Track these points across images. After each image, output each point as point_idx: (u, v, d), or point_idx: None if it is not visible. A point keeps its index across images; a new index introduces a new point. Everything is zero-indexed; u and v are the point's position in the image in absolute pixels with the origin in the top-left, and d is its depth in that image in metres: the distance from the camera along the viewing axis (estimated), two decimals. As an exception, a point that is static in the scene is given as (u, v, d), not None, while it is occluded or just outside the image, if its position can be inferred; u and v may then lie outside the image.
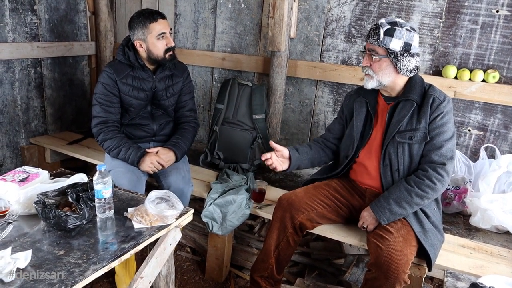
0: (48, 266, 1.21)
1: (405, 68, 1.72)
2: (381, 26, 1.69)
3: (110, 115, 2.17)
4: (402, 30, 1.67)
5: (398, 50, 1.69)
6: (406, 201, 1.66)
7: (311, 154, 2.04)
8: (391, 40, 1.67)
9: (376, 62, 1.74)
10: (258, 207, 2.18)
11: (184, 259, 2.51)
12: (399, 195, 1.68)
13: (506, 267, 1.74)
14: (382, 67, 1.73)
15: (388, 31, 1.67)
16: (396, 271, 1.52)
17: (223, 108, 2.73)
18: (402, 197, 1.67)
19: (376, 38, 1.70)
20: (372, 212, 1.72)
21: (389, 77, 1.75)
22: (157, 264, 1.52)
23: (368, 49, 1.76)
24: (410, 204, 1.66)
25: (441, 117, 1.70)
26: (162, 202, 1.60)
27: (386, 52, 1.71)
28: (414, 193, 1.66)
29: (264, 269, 1.93)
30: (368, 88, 1.81)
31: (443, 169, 1.67)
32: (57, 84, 3.24)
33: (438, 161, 1.68)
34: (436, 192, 1.68)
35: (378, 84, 1.77)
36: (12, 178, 1.67)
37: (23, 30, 2.90)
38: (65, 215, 1.38)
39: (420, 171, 1.71)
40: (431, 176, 1.66)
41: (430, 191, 1.66)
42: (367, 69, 1.77)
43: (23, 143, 3.06)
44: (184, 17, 3.16)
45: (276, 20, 2.55)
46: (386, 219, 1.68)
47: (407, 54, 1.70)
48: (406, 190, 1.68)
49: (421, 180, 1.67)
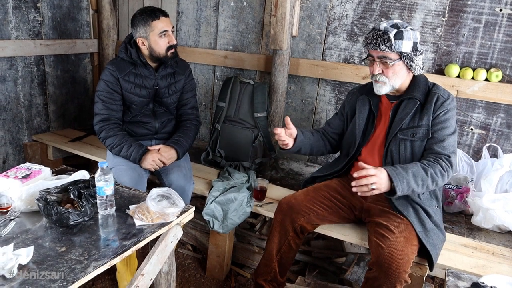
0: (50, 263, 1.22)
1: (418, 67, 1.73)
2: (388, 31, 1.66)
3: (112, 113, 2.18)
4: (408, 31, 1.67)
5: (409, 51, 1.68)
6: (421, 178, 1.60)
7: (313, 140, 2.04)
8: (402, 43, 1.66)
9: (390, 68, 1.71)
10: (259, 205, 2.18)
11: (185, 256, 2.52)
12: (417, 170, 1.60)
13: (508, 267, 1.74)
14: (396, 71, 1.72)
15: (397, 35, 1.65)
16: (397, 270, 1.52)
17: (225, 106, 2.73)
18: (419, 173, 1.60)
19: (389, 45, 1.66)
20: (389, 177, 1.57)
21: (401, 79, 1.75)
22: (158, 261, 1.52)
23: (378, 56, 1.72)
24: (424, 182, 1.60)
25: (444, 113, 1.70)
26: (163, 199, 1.60)
27: (400, 55, 1.69)
28: (429, 172, 1.61)
29: (267, 273, 1.94)
30: (381, 94, 1.79)
31: (449, 160, 1.66)
32: (60, 82, 3.25)
33: (442, 152, 1.67)
34: (444, 180, 1.65)
35: (391, 88, 1.77)
36: (15, 174, 1.68)
37: (26, 28, 2.91)
38: (67, 212, 1.38)
39: (431, 157, 1.67)
40: (442, 163, 1.64)
41: (441, 177, 1.63)
42: (380, 76, 1.74)
43: (25, 140, 3.08)
44: (186, 15, 3.16)
45: (278, 18, 2.55)
46: (401, 189, 1.56)
47: (417, 53, 1.71)
48: (422, 168, 1.62)
49: (435, 164, 1.64)
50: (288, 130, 1.92)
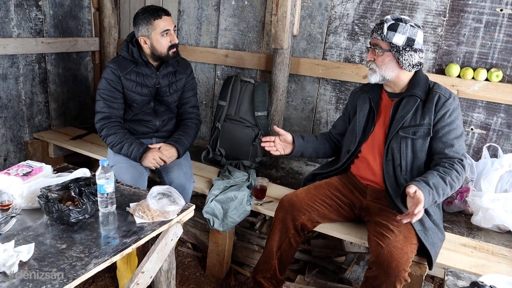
0: (51, 260, 1.23)
1: (407, 63, 1.74)
2: (386, 21, 1.73)
3: (113, 111, 2.18)
4: (406, 26, 1.70)
5: (400, 44, 1.71)
6: (442, 188, 1.59)
7: (317, 143, 2.07)
8: (394, 34, 1.70)
9: (379, 56, 1.76)
10: (259, 204, 2.18)
11: (185, 254, 2.53)
12: (437, 181, 1.59)
13: (507, 267, 1.74)
14: (385, 62, 1.75)
15: (392, 26, 1.71)
16: (396, 269, 1.53)
17: (226, 105, 2.73)
18: (440, 184, 1.59)
19: (380, 33, 1.73)
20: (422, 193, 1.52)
21: (392, 72, 1.77)
22: (159, 259, 1.53)
23: (372, 43, 1.79)
24: (444, 191, 1.59)
25: (449, 115, 1.71)
26: (164, 197, 1.61)
27: (389, 46, 1.73)
28: (447, 180, 1.60)
29: (267, 270, 1.94)
30: (372, 83, 1.83)
31: (462, 164, 1.68)
32: (61, 80, 3.26)
33: (455, 156, 1.69)
34: (459, 184, 1.66)
35: (381, 78, 1.79)
36: (16, 172, 1.68)
37: (27, 26, 2.91)
38: (68, 210, 1.39)
39: (446, 163, 1.66)
40: (457, 167, 1.65)
41: (457, 182, 1.64)
42: (371, 63, 1.79)
43: (27, 138, 3.08)
44: (187, 13, 3.16)
45: (279, 17, 2.55)
46: (427, 203, 1.54)
47: (409, 49, 1.72)
48: (441, 177, 1.61)
49: (450, 170, 1.64)
50: (281, 136, 1.96)
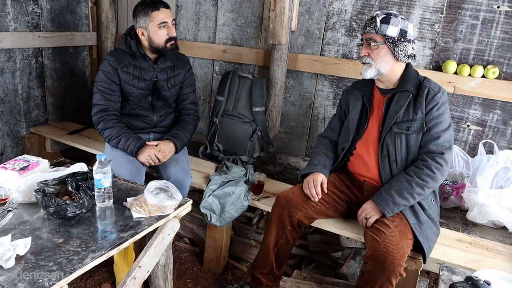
0: (48, 254, 1.23)
1: (402, 53, 1.76)
2: (377, 16, 1.75)
3: (111, 103, 2.18)
4: (397, 18, 1.74)
5: (395, 36, 1.73)
6: (407, 192, 1.68)
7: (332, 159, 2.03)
8: (388, 27, 1.73)
9: (374, 50, 1.77)
10: (256, 199, 2.19)
11: (182, 249, 2.53)
12: (400, 186, 1.70)
13: (501, 262, 1.76)
14: (381, 54, 1.77)
15: (384, 19, 1.73)
16: (392, 263, 1.54)
17: (223, 100, 2.73)
18: (404, 188, 1.69)
19: (373, 27, 1.75)
20: (376, 205, 1.72)
21: (387, 65, 1.78)
22: (156, 254, 1.53)
23: (365, 38, 1.80)
24: (412, 194, 1.68)
25: (437, 108, 1.73)
26: (161, 192, 1.61)
27: (384, 39, 1.75)
28: (414, 182, 1.68)
29: (264, 266, 1.95)
30: (367, 78, 1.83)
31: (441, 158, 1.69)
32: (58, 74, 3.24)
33: (436, 150, 1.71)
34: (436, 181, 1.69)
35: (377, 72, 1.80)
36: (13, 166, 1.68)
37: (24, 20, 2.89)
38: (65, 204, 1.39)
39: (419, 161, 1.73)
40: (430, 165, 1.68)
41: (430, 180, 1.68)
42: (366, 58, 1.80)
43: (23, 132, 3.07)
44: (185, 8, 3.15)
45: (277, 13, 2.55)
46: (390, 211, 1.68)
47: (403, 40, 1.75)
48: (406, 180, 1.70)
49: (421, 170, 1.69)
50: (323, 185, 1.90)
